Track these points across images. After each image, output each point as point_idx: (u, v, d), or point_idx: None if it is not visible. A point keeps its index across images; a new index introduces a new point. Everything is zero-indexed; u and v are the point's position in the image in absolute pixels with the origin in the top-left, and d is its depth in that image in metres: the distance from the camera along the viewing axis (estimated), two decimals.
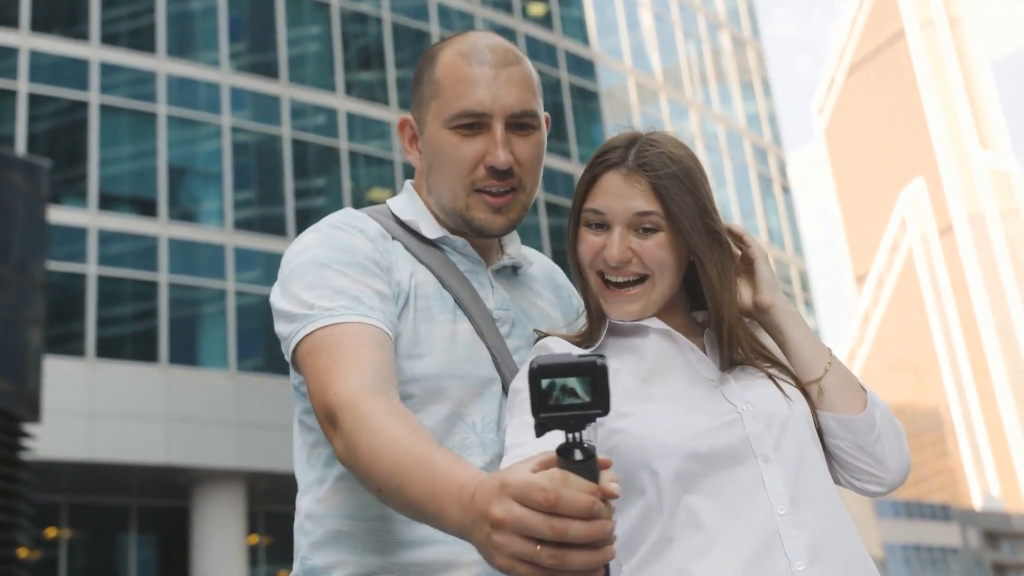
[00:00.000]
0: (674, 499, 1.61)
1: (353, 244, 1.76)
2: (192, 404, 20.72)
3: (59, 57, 22.06)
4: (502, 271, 1.91)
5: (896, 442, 1.76)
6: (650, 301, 1.74)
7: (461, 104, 1.79)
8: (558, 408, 1.14)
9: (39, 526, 20.44)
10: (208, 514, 21.22)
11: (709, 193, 1.75)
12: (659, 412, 1.65)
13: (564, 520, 1.10)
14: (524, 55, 1.88)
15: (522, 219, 1.87)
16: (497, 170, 1.78)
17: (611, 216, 1.72)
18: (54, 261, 19.00)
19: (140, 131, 22.58)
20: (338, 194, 24.72)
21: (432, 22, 27.47)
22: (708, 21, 37.83)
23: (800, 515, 1.60)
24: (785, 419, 1.67)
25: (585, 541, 1.11)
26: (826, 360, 1.75)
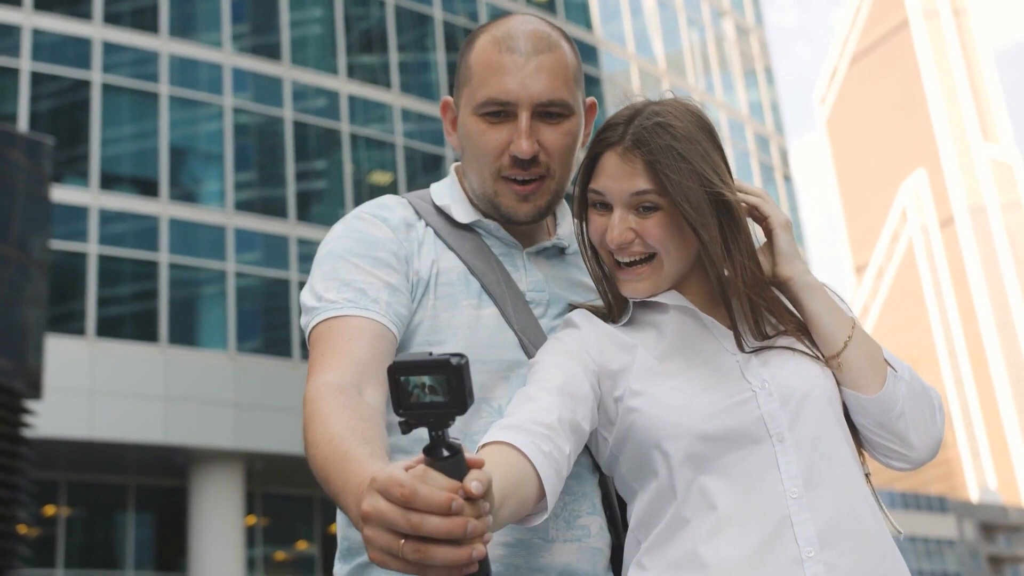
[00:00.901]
0: (686, 480, 1.60)
1: (372, 235, 1.77)
2: (191, 384, 20.76)
3: (62, 36, 22.01)
4: (544, 252, 1.89)
5: (922, 418, 1.70)
6: (660, 278, 1.71)
7: (487, 92, 1.78)
8: (419, 406, 1.16)
9: (38, 504, 20.51)
10: (206, 494, 21.26)
11: (714, 160, 1.68)
12: (672, 391, 1.63)
13: (420, 515, 1.12)
14: (564, 41, 1.84)
15: (553, 206, 1.85)
16: (521, 159, 1.77)
17: (610, 197, 1.70)
18: (55, 240, 19.03)
19: (142, 111, 22.56)
20: (339, 176, 24.71)
21: (435, 6, 27.41)
22: (711, 8, 37.74)
23: (814, 498, 1.57)
24: (803, 397, 1.63)
25: (443, 536, 1.13)
26: (846, 334, 1.70)
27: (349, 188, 24.65)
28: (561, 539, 1.69)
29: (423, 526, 1.13)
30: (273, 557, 24.28)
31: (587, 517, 1.72)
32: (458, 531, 1.13)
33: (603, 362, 1.69)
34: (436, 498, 1.13)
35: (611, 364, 1.69)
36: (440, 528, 1.13)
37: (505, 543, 1.67)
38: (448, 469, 1.17)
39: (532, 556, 1.67)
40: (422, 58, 27.11)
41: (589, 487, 1.75)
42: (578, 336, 1.71)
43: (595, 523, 1.73)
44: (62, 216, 20.03)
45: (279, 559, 24.46)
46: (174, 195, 22.34)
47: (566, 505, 1.71)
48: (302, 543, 24.74)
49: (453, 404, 1.14)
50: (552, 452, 1.52)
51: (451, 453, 1.17)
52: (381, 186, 25.42)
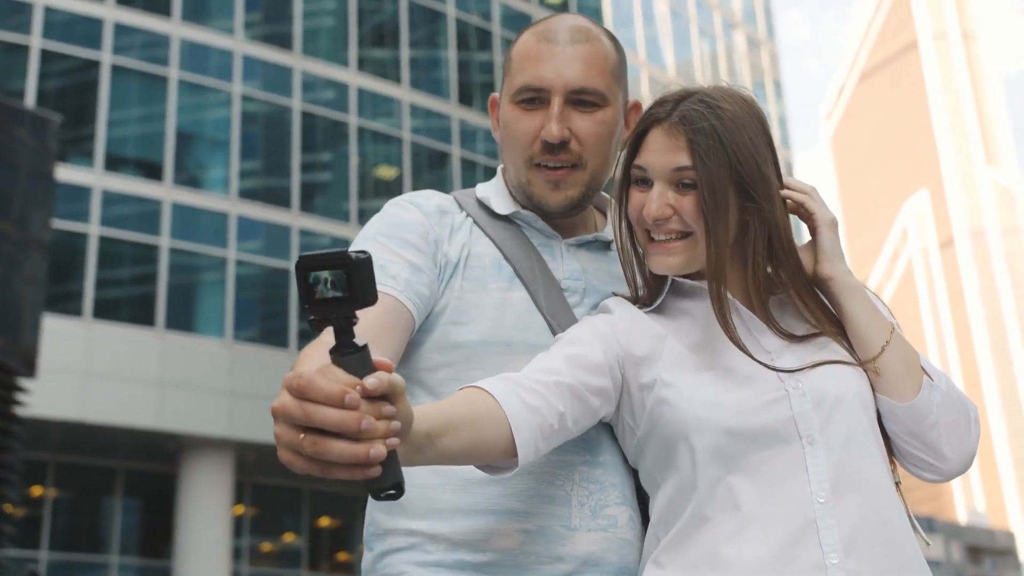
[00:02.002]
0: (710, 476, 1.57)
1: (403, 218, 1.81)
2: (186, 370, 20.70)
3: (73, 15, 21.96)
4: (586, 245, 1.90)
5: (956, 431, 1.66)
6: (692, 257, 1.69)
7: (523, 79, 1.82)
8: (322, 302, 1.18)
9: (25, 483, 20.43)
10: (195, 482, 21.21)
11: (757, 149, 1.68)
12: (704, 384, 1.61)
13: (315, 405, 1.14)
14: (606, 37, 1.87)
15: (587, 198, 1.86)
16: (551, 144, 1.79)
17: (652, 172, 1.69)
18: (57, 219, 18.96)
19: (150, 94, 22.51)
20: (344, 169, 24.67)
21: (448, 3, 27.39)
22: (724, 19, 37.77)
23: (840, 504, 1.54)
24: (836, 400, 1.60)
25: (335, 428, 1.14)
26: (884, 339, 1.66)
27: (354, 181, 24.61)
28: (585, 528, 1.68)
29: (315, 415, 1.14)
30: (260, 548, 24.22)
31: (615, 507, 1.71)
32: (351, 424, 1.14)
33: (630, 348, 1.68)
34: (329, 389, 1.14)
35: (637, 350, 1.67)
36: (332, 418, 1.14)
37: (525, 530, 1.67)
38: (350, 365, 1.19)
39: (552, 544, 1.67)
40: (433, 55, 27.08)
41: (619, 478, 1.73)
42: (608, 320, 1.71)
43: (624, 514, 1.72)
44: (65, 196, 19.96)
45: (265, 550, 24.41)
46: (178, 180, 22.28)
47: (591, 494, 1.70)
48: (289, 535, 24.69)
49: (353, 299, 1.17)
50: (540, 408, 1.52)
51: (354, 350, 1.19)
52: (386, 181, 25.40)
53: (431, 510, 1.70)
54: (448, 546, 1.67)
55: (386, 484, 1.20)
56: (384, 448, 1.17)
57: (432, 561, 1.67)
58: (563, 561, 1.66)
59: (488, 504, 1.67)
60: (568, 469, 1.70)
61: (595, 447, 1.72)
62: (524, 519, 1.66)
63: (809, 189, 1.75)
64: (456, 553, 1.67)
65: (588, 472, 1.70)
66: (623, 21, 32.91)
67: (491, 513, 1.67)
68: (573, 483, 1.69)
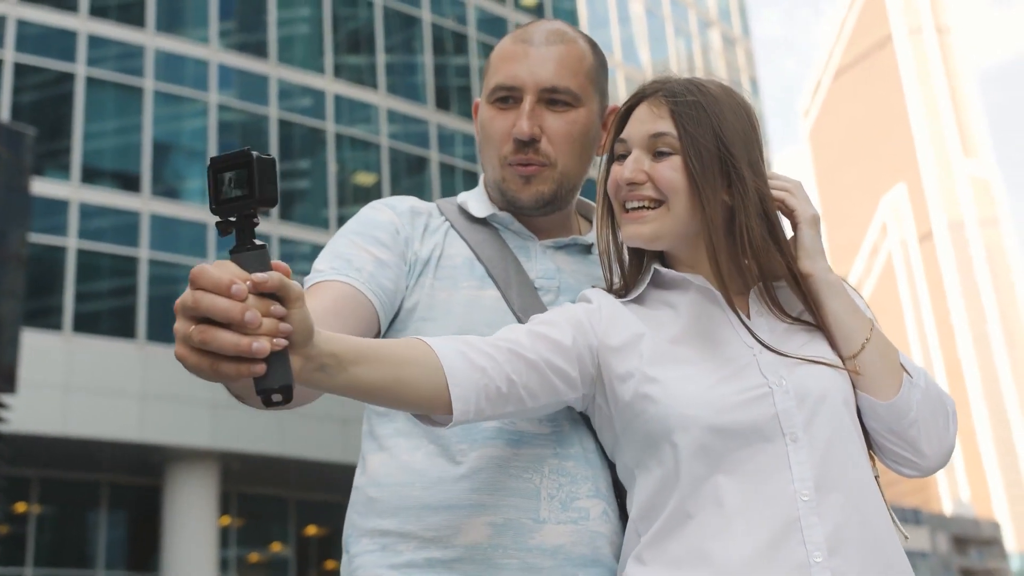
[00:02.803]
0: (693, 473, 1.56)
1: (374, 218, 1.85)
2: (168, 382, 20.60)
3: (47, 27, 21.86)
4: (565, 248, 1.91)
5: (934, 427, 1.66)
6: (663, 227, 1.66)
7: (497, 78, 1.85)
8: (227, 200, 1.23)
9: (8, 500, 20.32)
10: (180, 493, 21.13)
11: (739, 130, 1.68)
12: (686, 380, 1.59)
13: (203, 292, 1.18)
14: (584, 41, 1.89)
15: (559, 196, 1.85)
16: (521, 141, 1.80)
17: (631, 142, 1.70)
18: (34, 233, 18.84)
19: (126, 105, 22.42)
20: (323, 176, 24.64)
21: (424, 8, 27.39)
22: (699, 18, 37.89)
23: (824, 503, 1.53)
24: (819, 398, 1.59)
25: (221, 317, 1.17)
26: (864, 336, 1.65)
27: (333, 188, 24.57)
28: (554, 520, 1.67)
29: (202, 301, 1.17)
30: (247, 558, 24.15)
31: (587, 500, 1.70)
32: (235, 313, 1.17)
33: (606, 338, 1.65)
34: (218, 277, 1.18)
35: (614, 340, 1.65)
36: (217, 305, 1.17)
37: (492, 523, 1.67)
38: (245, 261, 1.23)
39: (521, 536, 1.66)
40: (409, 60, 27.07)
41: (592, 471, 1.72)
42: (587, 308, 1.69)
43: (596, 507, 1.70)
44: (42, 209, 19.86)
45: (253, 560, 24.34)
46: (156, 191, 22.19)
47: (562, 487, 1.69)
48: (276, 545, 24.62)
49: (251, 196, 1.21)
50: (487, 369, 1.51)
51: (252, 248, 1.23)
52: (365, 187, 25.36)
53: (401, 507, 1.70)
54: (419, 543, 1.68)
55: (272, 384, 1.22)
56: (268, 344, 1.19)
57: (402, 562, 1.68)
58: (531, 552, 1.66)
59: (456, 499, 1.67)
60: (538, 462, 1.69)
61: (567, 440, 1.72)
62: (491, 512, 1.66)
63: (792, 185, 1.74)
64: (426, 551, 1.67)
65: (559, 465, 1.70)
66: (598, 22, 32.97)
67: (459, 508, 1.67)
68: (542, 476, 1.69)
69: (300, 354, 1.30)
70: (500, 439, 1.70)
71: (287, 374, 1.23)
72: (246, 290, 1.19)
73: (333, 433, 21.05)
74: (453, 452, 1.71)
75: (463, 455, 1.70)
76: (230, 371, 1.20)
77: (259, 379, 1.22)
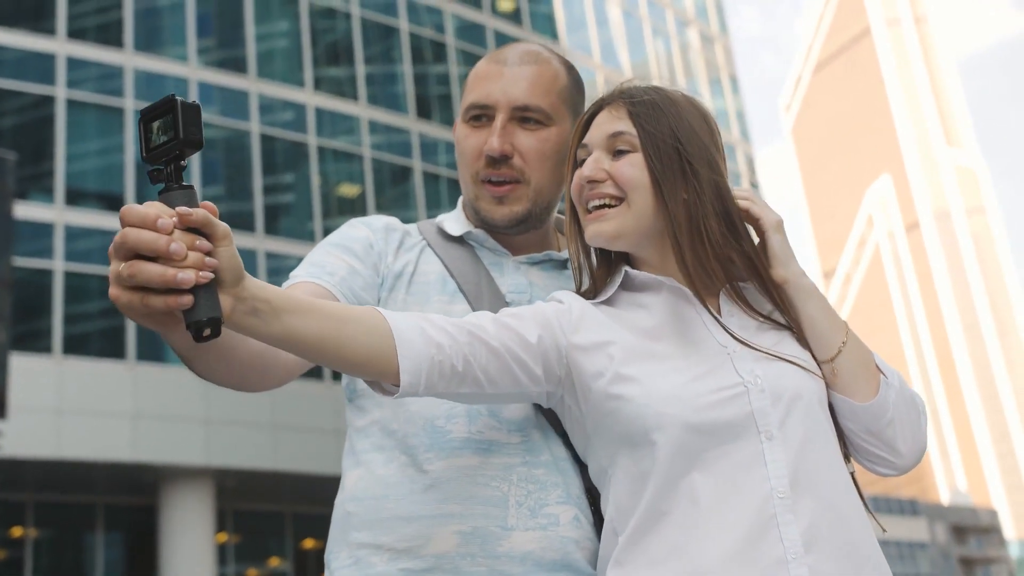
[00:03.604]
0: (669, 471, 1.56)
1: (350, 233, 1.90)
2: (160, 401, 20.59)
3: (25, 51, 21.84)
4: (539, 264, 1.93)
5: (910, 426, 1.68)
6: (624, 223, 1.68)
7: (471, 97, 1.89)
8: (156, 147, 1.30)
9: (4, 525, 20.28)
10: (176, 512, 21.09)
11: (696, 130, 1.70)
12: (661, 377, 1.59)
13: (131, 228, 1.24)
14: (559, 63, 1.93)
15: (533, 215, 1.88)
16: (493, 158, 1.84)
17: (591, 145, 1.72)
18: (20, 257, 18.81)
19: (107, 126, 22.41)
20: (307, 189, 24.64)
21: (401, 17, 27.42)
22: (676, 17, 37.97)
23: (799, 500, 1.54)
24: (794, 396, 1.60)
25: (147, 249, 1.23)
26: (841, 339, 1.67)
27: (317, 201, 24.57)
28: (522, 527, 1.68)
29: (129, 235, 1.23)
30: (245, 575, 24.10)
31: (556, 506, 1.70)
32: (160, 244, 1.23)
33: (575, 338, 1.65)
34: (145, 211, 1.24)
35: (584, 340, 1.65)
36: (142, 238, 1.23)
37: (460, 532, 1.68)
38: (174, 200, 1.29)
39: (488, 544, 1.67)
40: (389, 70, 27.10)
41: (562, 477, 1.72)
42: (557, 308, 1.69)
43: (567, 512, 1.70)
44: (27, 233, 19.85)
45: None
46: None
47: (530, 494, 1.70)
48: (274, 560, 24.59)
49: (179, 139, 1.27)
50: (443, 345, 1.53)
51: (179, 187, 1.29)
52: (349, 198, 25.37)
53: (376, 520, 1.73)
54: (392, 555, 1.70)
55: (200, 316, 1.27)
56: (193, 275, 1.25)
57: (375, 574, 1.70)
58: (499, 560, 1.67)
59: (426, 510, 1.69)
60: (506, 470, 1.71)
61: (537, 448, 1.73)
62: (459, 521, 1.68)
63: (748, 193, 1.75)
64: (398, 562, 1.69)
65: (527, 472, 1.71)
66: (576, 25, 33.03)
67: (429, 518, 1.69)
68: (510, 484, 1.70)
69: (230, 294, 1.33)
70: (468, 448, 1.72)
71: (215, 307, 1.28)
72: (171, 224, 1.25)
73: (327, 446, 21.05)
74: (421, 461, 1.73)
75: (431, 464, 1.72)
76: (158, 304, 1.26)
77: (187, 312, 1.27)
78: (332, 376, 21.55)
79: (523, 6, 30.65)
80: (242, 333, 1.39)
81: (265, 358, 1.60)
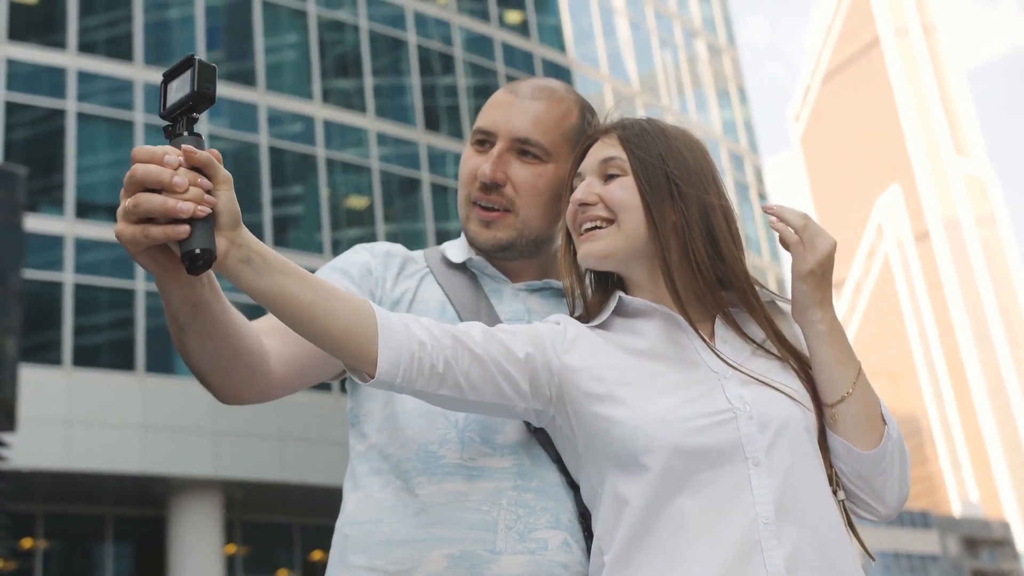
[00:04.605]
0: (658, 493, 1.58)
1: (350, 258, 1.95)
2: (169, 413, 20.63)
3: (36, 65, 21.96)
4: (538, 292, 1.96)
5: (899, 477, 1.70)
6: (615, 243, 1.72)
7: (479, 122, 1.93)
8: (173, 106, 1.41)
9: (14, 536, 20.30)
10: (185, 523, 21.10)
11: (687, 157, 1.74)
12: (653, 402, 1.62)
13: (140, 163, 1.36)
14: (573, 103, 1.95)
15: (517, 244, 1.91)
16: (485, 184, 1.88)
17: (585, 172, 1.77)
18: (30, 269, 18.90)
19: (117, 139, 22.49)
20: (316, 202, 24.69)
21: (409, 30, 27.48)
22: (684, 29, 37.97)
23: (783, 526, 1.55)
24: (782, 425, 1.62)
25: (153, 181, 1.35)
26: (845, 390, 1.67)
27: (326, 213, 24.62)
28: (511, 551, 1.69)
29: (138, 170, 1.36)
30: None
31: (545, 531, 1.72)
32: (165, 177, 1.35)
33: (568, 359, 1.68)
34: (153, 149, 1.37)
35: (577, 361, 1.68)
36: (150, 172, 1.35)
37: (449, 555, 1.70)
38: (181, 144, 1.40)
39: (477, 567, 1.69)
40: (397, 82, 27.16)
41: (554, 503, 1.74)
42: (552, 328, 1.72)
43: (556, 537, 1.72)
44: (37, 245, 19.93)
45: None
46: None
47: (520, 518, 1.72)
48: (283, 571, 24.56)
49: (191, 94, 1.38)
50: (426, 343, 1.56)
51: (189, 134, 1.41)
52: (358, 210, 25.41)
53: (371, 543, 1.76)
54: None
55: (194, 246, 1.36)
56: (192, 207, 1.36)
57: None
58: None
59: (417, 533, 1.72)
60: (496, 495, 1.73)
61: (528, 474, 1.75)
62: (448, 544, 1.70)
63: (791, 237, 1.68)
64: None
65: (517, 497, 1.73)
66: (583, 37, 33.06)
67: (419, 542, 1.72)
68: (500, 508, 1.72)
69: (226, 237, 1.43)
70: (460, 474, 1.74)
71: (210, 240, 1.38)
72: (177, 161, 1.37)
73: (335, 457, 21.05)
74: (413, 486, 1.76)
75: (422, 488, 1.75)
76: (157, 233, 1.36)
77: (183, 242, 1.37)
78: (340, 388, 21.56)
79: (531, 18, 30.70)
80: (233, 281, 1.46)
81: (252, 356, 1.66)
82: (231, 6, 25.00)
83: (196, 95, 1.38)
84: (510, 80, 26.15)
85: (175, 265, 1.45)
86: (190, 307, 1.52)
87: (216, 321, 1.57)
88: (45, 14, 22.72)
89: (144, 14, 23.44)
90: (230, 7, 24.99)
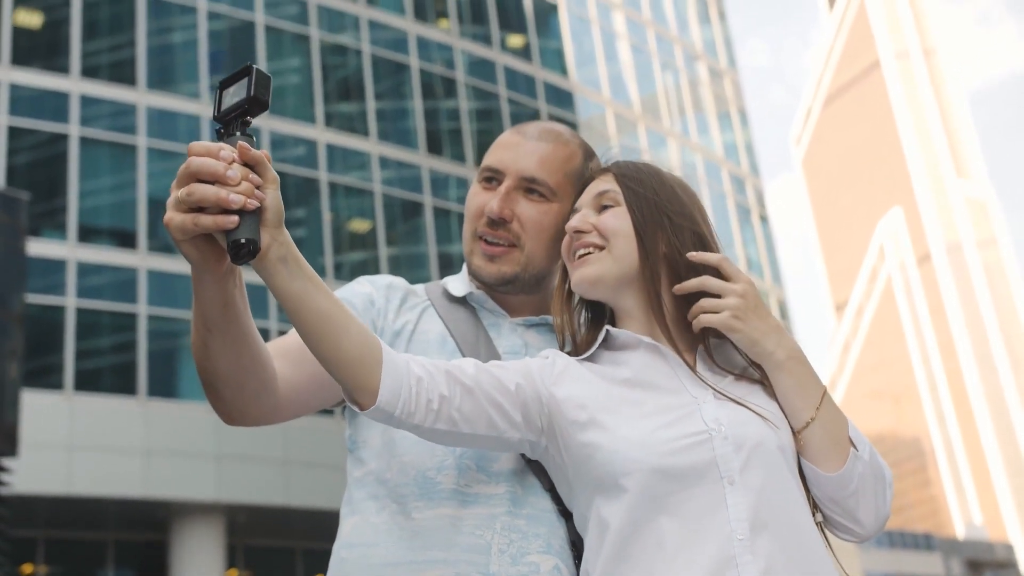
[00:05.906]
0: (637, 515, 1.63)
1: (354, 288, 2.01)
2: (171, 437, 20.60)
3: (39, 90, 22.03)
4: (536, 327, 2.01)
5: (873, 498, 1.76)
6: (606, 268, 1.80)
7: (488, 160, 2.01)
8: (228, 110, 1.48)
9: (15, 562, 20.22)
10: (187, 548, 21.05)
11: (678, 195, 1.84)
12: (632, 426, 1.67)
13: (196, 156, 1.43)
14: (578, 147, 2.03)
15: (520, 279, 1.97)
16: (491, 219, 1.94)
17: (580, 206, 1.88)
18: (32, 294, 18.90)
19: (120, 163, 22.55)
20: (318, 225, 24.72)
21: (412, 54, 27.58)
22: (685, 52, 38.10)
23: (757, 542, 1.60)
24: (756, 445, 1.67)
25: (207, 173, 1.42)
26: (808, 416, 1.73)
27: (328, 236, 24.66)
28: (503, 574, 1.74)
29: (193, 162, 1.43)
30: None
31: (537, 555, 1.76)
32: (219, 168, 1.42)
33: (556, 389, 1.74)
34: (209, 144, 1.44)
35: (564, 392, 1.73)
36: (205, 164, 1.42)
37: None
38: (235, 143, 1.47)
39: None
40: (399, 106, 27.25)
41: (547, 529, 1.78)
42: (541, 363, 1.79)
43: (547, 562, 1.76)
44: (40, 270, 19.94)
45: None
46: (152, 247, 22.27)
47: (512, 543, 1.76)
48: None
49: (246, 99, 1.46)
50: (423, 379, 1.62)
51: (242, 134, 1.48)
52: (360, 234, 25.44)
53: (366, 566, 1.79)
54: None
55: (241, 235, 1.43)
56: (242, 199, 1.43)
57: None
58: None
59: (412, 555, 1.76)
60: (490, 520, 1.77)
61: (521, 501, 1.80)
62: (443, 567, 1.74)
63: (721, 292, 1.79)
64: None
65: (510, 522, 1.77)
66: (585, 60, 33.17)
67: (416, 563, 1.76)
68: (494, 532, 1.76)
69: (270, 233, 1.49)
70: (455, 499, 1.79)
71: (255, 231, 1.45)
72: (232, 156, 1.44)
73: (338, 482, 20.96)
74: (410, 510, 1.80)
75: (419, 512, 1.79)
76: (207, 222, 1.43)
77: (230, 232, 1.44)
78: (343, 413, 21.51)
79: (533, 42, 30.82)
80: (267, 279, 1.52)
81: (266, 371, 1.71)
82: (234, 31, 25.10)
83: (252, 100, 1.45)
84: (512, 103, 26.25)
85: (217, 257, 1.52)
86: (221, 305, 1.58)
87: (241, 326, 1.62)
88: (48, 39, 22.82)
89: (147, 39, 23.54)
90: (233, 32, 25.09)
